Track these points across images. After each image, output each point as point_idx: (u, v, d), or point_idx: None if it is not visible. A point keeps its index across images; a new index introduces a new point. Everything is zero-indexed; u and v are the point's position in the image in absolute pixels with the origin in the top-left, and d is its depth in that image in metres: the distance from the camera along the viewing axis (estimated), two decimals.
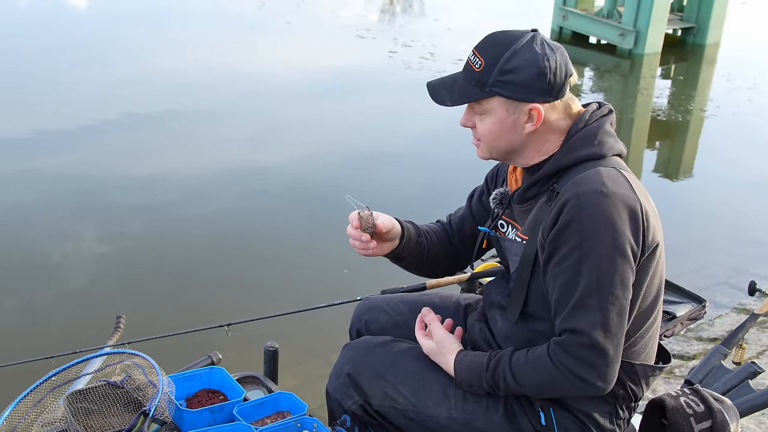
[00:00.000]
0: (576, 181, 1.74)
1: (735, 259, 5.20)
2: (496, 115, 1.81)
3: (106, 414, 2.11)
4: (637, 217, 1.71)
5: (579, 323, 1.70)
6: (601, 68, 11.14)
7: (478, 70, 1.79)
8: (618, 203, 1.70)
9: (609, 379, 1.73)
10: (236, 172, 6.29)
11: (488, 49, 1.79)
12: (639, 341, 1.86)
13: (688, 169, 7.46)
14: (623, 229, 1.69)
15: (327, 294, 3.47)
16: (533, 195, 1.87)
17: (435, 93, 1.87)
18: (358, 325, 2.31)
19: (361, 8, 14.52)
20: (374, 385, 2.00)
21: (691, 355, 3.76)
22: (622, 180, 1.75)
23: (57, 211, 5.47)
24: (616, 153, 1.84)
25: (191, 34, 11.14)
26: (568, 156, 1.81)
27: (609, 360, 1.71)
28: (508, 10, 14.59)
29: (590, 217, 1.68)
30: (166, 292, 4.54)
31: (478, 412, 1.92)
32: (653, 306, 1.85)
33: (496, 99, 1.79)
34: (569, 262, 1.71)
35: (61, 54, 9.38)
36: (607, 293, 1.69)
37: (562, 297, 1.73)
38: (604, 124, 1.84)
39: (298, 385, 3.43)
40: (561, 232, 1.71)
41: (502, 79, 1.76)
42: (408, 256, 2.12)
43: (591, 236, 1.68)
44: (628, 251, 1.69)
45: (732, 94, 9.64)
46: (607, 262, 1.68)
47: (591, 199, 1.69)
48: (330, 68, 9.72)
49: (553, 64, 1.77)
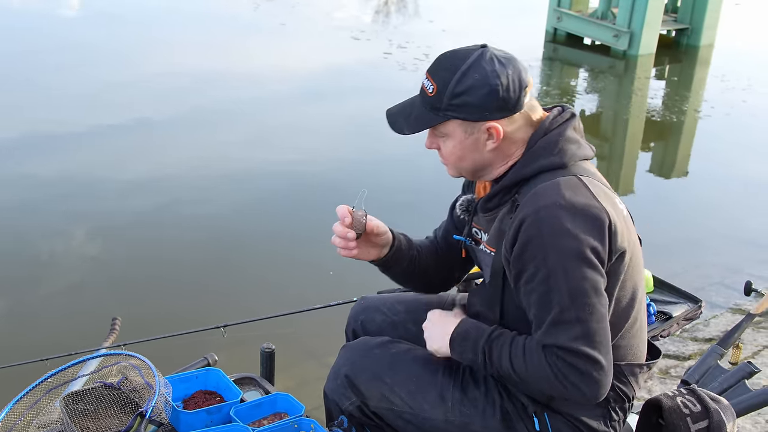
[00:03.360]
0: (535, 194, 1.73)
1: (730, 259, 5.20)
2: (456, 138, 1.80)
3: (102, 415, 2.10)
4: (599, 224, 1.69)
5: (563, 340, 1.68)
6: (595, 69, 11.15)
7: (431, 95, 1.78)
8: (577, 214, 1.68)
9: (602, 388, 1.72)
10: (232, 174, 6.28)
11: (438, 73, 1.78)
12: (621, 343, 1.86)
13: (683, 170, 7.48)
14: (585, 238, 1.67)
15: (323, 295, 3.47)
16: (495, 205, 1.87)
17: (393, 122, 1.86)
18: (354, 325, 2.31)
19: (356, 10, 14.52)
20: (372, 386, 2.00)
21: (687, 355, 3.76)
22: (583, 189, 1.73)
23: (51, 213, 5.45)
24: (580, 159, 1.81)
25: (184, 36, 11.11)
26: (527, 167, 1.79)
27: (602, 370, 1.69)
28: (502, 11, 14.61)
29: (551, 233, 1.67)
30: (162, 294, 4.52)
31: (475, 415, 1.92)
32: (629, 309, 1.84)
33: (452, 122, 1.78)
34: (538, 279, 1.69)
35: (49, 57, 9.32)
36: (582, 304, 1.67)
37: (540, 314, 1.72)
38: (565, 131, 1.81)
39: (295, 387, 3.42)
40: (523, 250, 1.70)
41: (454, 103, 1.75)
42: (396, 266, 2.10)
43: (554, 251, 1.67)
44: (594, 259, 1.68)
45: (726, 95, 9.66)
46: (575, 274, 1.67)
47: (550, 212, 1.68)
48: (324, 70, 9.72)
49: (505, 80, 1.74)
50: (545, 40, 12.29)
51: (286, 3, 13.58)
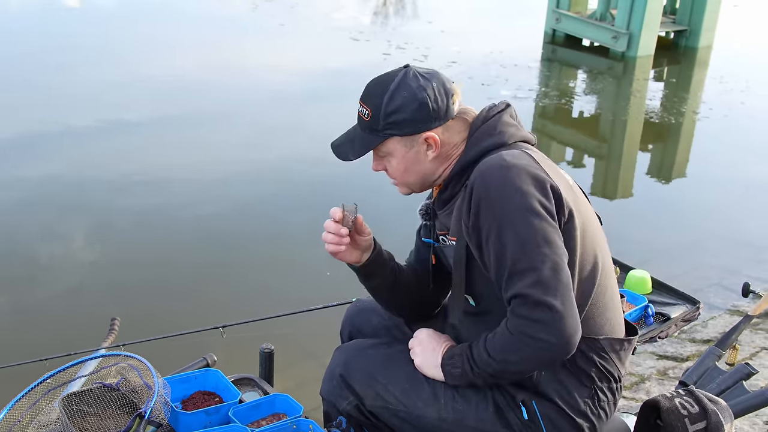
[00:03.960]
0: (479, 166, 1.82)
1: (728, 260, 5.21)
2: (398, 154, 1.91)
3: (101, 416, 2.11)
4: (542, 180, 1.77)
5: (517, 288, 1.73)
6: (593, 71, 11.16)
7: (368, 120, 1.90)
8: (520, 171, 1.76)
9: (566, 334, 1.72)
10: (231, 175, 6.28)
11: (369, 98, 1.90)
12: (594, 312, 1.89)
13: (681, 171, 7.48)
14: (530, 191, 1.74)
15: (322, 296, 3.47)
16: (450, 196, 1.95)
17: (339, 152, 1.96)
18: (349, 327, 2.33)
19: (355, 10, 14.53)
20: (366, 385, 2.02)
21: (685, 356, 3.76)
22: (525, 155, 1.83)
23: (50, 214, 5.45)
24: (519, 140, 1.91)
25: (182, 37, 11.12)
26: (472, 150, 1.89)
27: (557, 314, 1.71)
28: (500, 12, 14.63)
29: (497, 189, 1.76)
30: (161, 295, 4.52)
31: (469, 411, 1.94)
32: (593, 275, 1.87)
33: (391, 140, 1.89)
34: (492, 238, 1.76)
35: (47, 57, 9.33)
36: (534, 253, 1.72)
37: (498, 272, 1.78)
38: (503, 117, 1.93)
39: (294, 387, 3.42)
40: (477, 215, 1.78)
41: (389, 121, 1.87)
42: (378, 274, 2.11)
43: (501, 206, 1.75)
44: (541, 210, 1.74)
45: (724, 97, 9.67)
46: (523, 225, 1.73)
47: (494, 172, 1.78)
48: (324, 71, 9.72)
49: (432, 93, 1.86)
50: (544, 42, 12.30)
51: (285, 3, 13.59)
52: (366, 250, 2.08)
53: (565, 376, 1.90)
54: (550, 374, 1.90)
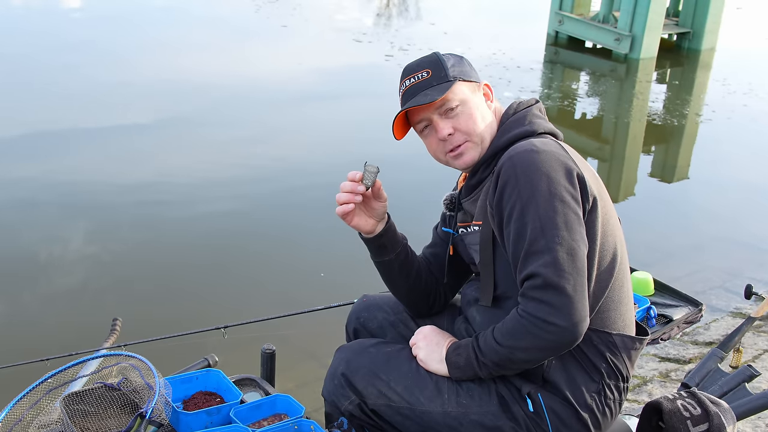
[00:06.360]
0: (509, 151, 1.86)
1: (731, 262, 5.20)
2: (467, 97, 1.96)
3: (102, 416, 2.10)
4: (569, 168, 1.81)
5: (531, 268, 1.75)
6: (596, 73, 11.16)
7: (430, 76, 1.96)
8: (549, 157, 1.81)
9: (573, 319, 1.73)
10: (232, 176, 6.29)
11: (421, 66, 1.99)
12: (609, 305, 1.89)
13: (684, 174, 7.48)
14: (557, 177, 1.78)
15: (324, 297, 3.47)
16: (478, 181, 1.99)
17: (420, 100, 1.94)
18: (355, 323, 2.32)
19: (357, 12, 14.54)
20: (368, 383, 2.01)
21: (688, 358, 3.76)
22: (555, 144, 1.88)
23: (52, 214, 5.46)
24: (548, 131, 1.97)
25: (185, 38, 11.14)
26: (503, 137, 1.95)
27: (568, 297, 1.72)
28: (503, 14, 14.63)
29: (524, 171, 1.79)
30: (163, 295, 4.52)
31: (473, 404, 1.94)
32: (612, 267, 1.89)
33: (458, 85, 1.95)
34: (515, 217, 1.79)
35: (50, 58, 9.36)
36: (552, 235, 1.74)
37: (515, 251, 1.80)
38: (532, 109, 2.01)
39: (295, 388, 3.43)
40: (502, 193, 1.81)
41: (454, 71, 1.96)
42: (389, 248, 2.12)
43: (527, 187, 1.78)
44: (566, 196, 1.77)
45: (727, 99, 9.67)
46: (546, 207, 1.76)
47: (523, 156, 1.81)
48: (326, 72, 9.72)
49: None
50: (547, 43, 12.31)
51: (288, 5, 13.60)
52: (380, 220, 2.10)
53: (574, 368, 1.89)
54: (560, 364, 1.90)
